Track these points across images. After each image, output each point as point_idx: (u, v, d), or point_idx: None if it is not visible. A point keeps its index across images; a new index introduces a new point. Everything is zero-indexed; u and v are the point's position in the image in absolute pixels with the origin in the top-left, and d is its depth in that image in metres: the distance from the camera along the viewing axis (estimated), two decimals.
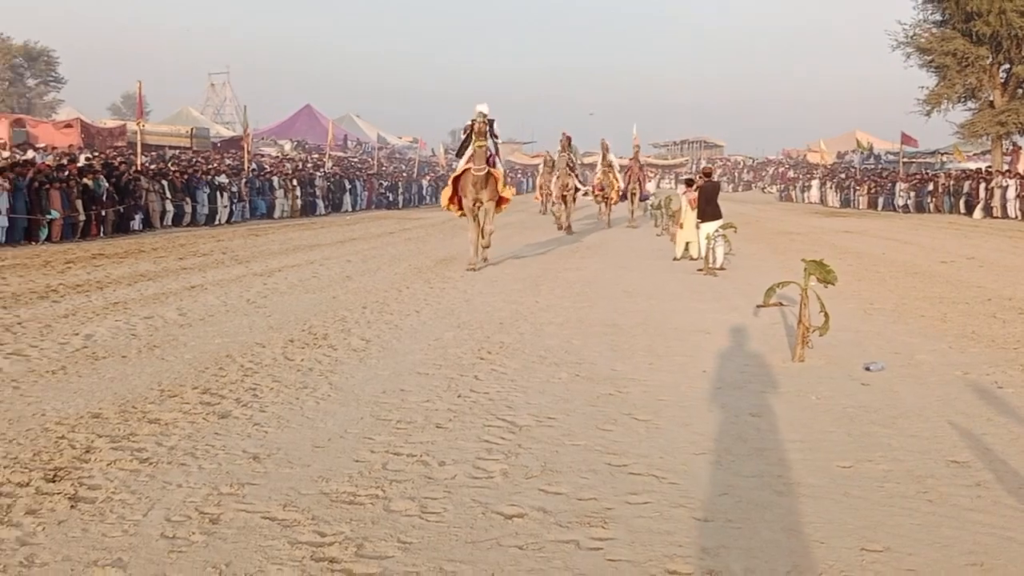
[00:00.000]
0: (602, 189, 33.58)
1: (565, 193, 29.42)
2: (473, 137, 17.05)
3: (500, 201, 17.96)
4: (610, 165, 33.72)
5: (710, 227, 18.06)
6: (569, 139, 31.21)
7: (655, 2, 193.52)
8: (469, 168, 17.32)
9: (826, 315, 9.21)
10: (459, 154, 17.97)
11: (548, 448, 6.22)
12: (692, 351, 9.77)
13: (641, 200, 35.43)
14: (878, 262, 20.10)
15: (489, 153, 17.10)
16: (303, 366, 8.68)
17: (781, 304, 11.97)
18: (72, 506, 5.00)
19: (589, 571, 4.28)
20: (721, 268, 17.76)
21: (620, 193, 34.09)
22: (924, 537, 4.70)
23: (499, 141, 18.18)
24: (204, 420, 6.76)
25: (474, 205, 17.33)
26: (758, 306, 12.13)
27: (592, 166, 42.72)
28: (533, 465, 5.85)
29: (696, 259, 19.10)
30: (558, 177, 30.17)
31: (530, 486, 5.46)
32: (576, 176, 30.89)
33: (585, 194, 33.46)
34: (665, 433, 6.63)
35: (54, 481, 5.38)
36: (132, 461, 5.77)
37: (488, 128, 17.11)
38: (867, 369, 8.81)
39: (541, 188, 38.78)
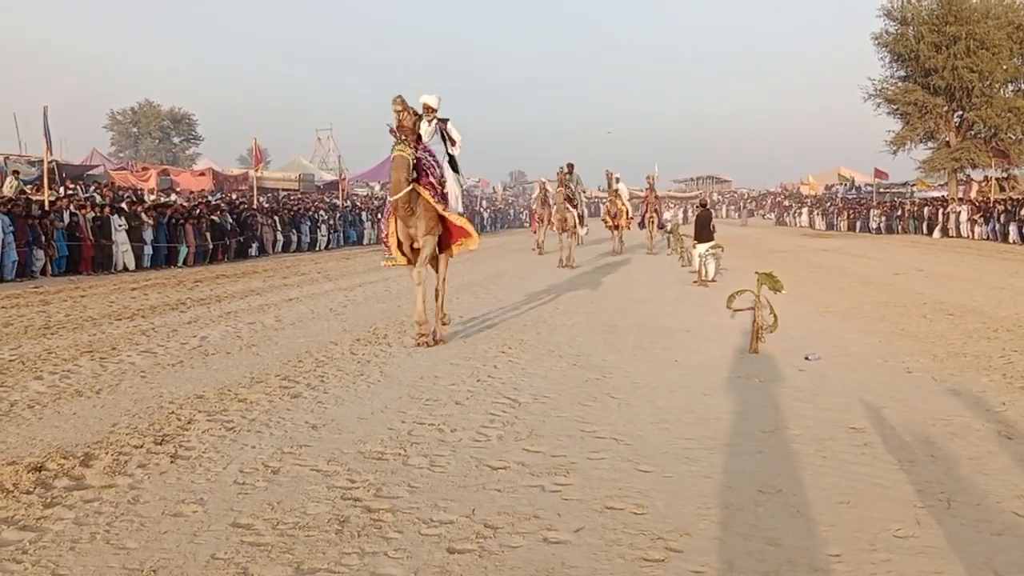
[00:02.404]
0: (613, 216, 28.62)
1: (564, 228, 22.92)
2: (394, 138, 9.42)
3: (452, 237, 10.24)
4: (616, 193, 28.75)
5: (703, 247, 18.31)
6: (571, 167, 24.06)
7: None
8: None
9: (775, 316, 9.43)
10: None
11: (537, 419, 6.54)
12: (671, 345, 10.02)
13: (659, 228, 31.01)
14: (842, 274, 20.07)
15: (418, 160, 9.55)
16: (363, 359, 9.08)
17: (752, 308, 12.12)
18: (172, 461, 5.44)
19: (547, 506, 4.61)
20: (713, 280, 17.89)
21: (630, 220, 29.78)
22: (811, 483, 4.96)
23: (455, 149, 10.38)
24: (280, 399, 7.19)
25: (411, 247, 9.86)
26: (735, 310, 12.30)
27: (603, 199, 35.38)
28: (523, 431, 6.18)
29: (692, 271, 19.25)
30: (556, 211, 23.12)
31: (517, 446, 5.79)
32: (575, 209, 23.33)
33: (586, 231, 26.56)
34: (632, 408, 6.92)
35: (161, 444, 5.82)
36: (221, 429, 6.20)
37: (433, 128, 10.05)
38: (806, 359, 8.99)
39: (536, 220, 29.97)
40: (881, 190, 56.11)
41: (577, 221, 23.21)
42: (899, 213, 44.10)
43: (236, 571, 3.80)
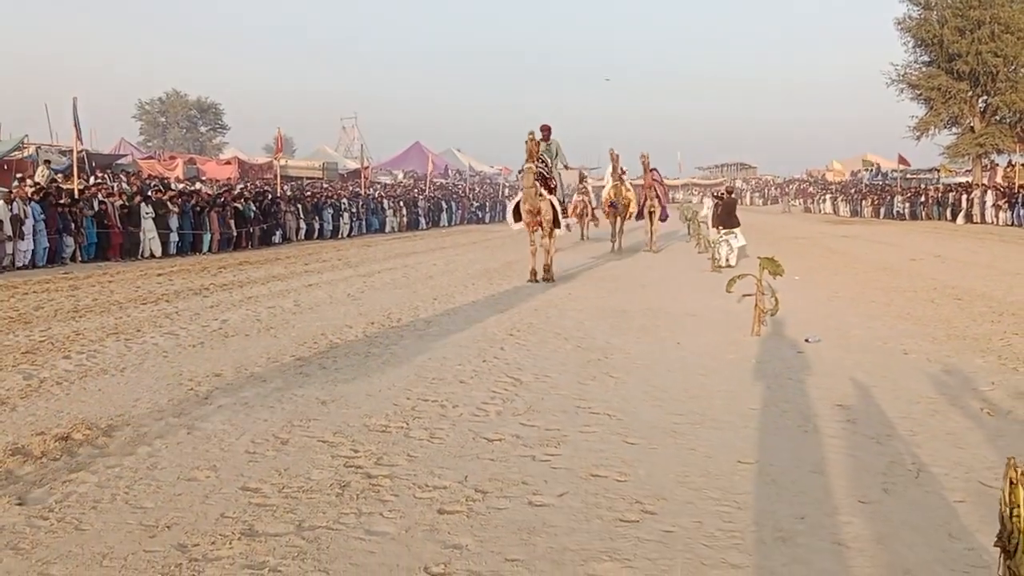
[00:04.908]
0: (613, 207, 23.66)
1: (538, 222, 15.42)
2: None
3: None
4: (621, 179, 23.84)
5: (723, 233, 18.56)
6: (547, 132, 16.26)
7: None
8: None
9: (776, 299, 9.64)
10: None
11: (536, 396, 6.83)
12: (676, 328, 10.24)
13: (661, 219, 24.42)
14: (858, 260, 20.15)
15: None
16: (375, 341, 9.41)
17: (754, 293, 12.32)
18: (188, 433, 5.78)
19: (535, 474, 4.91)
20: (731, 266, 18.01)
21: (632, 213, 24.49)
22: (787, 455, 5.21)
23: None
24: (293, 377, 7.53)
25: None
26: (742, 295, 12.50)
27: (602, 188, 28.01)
28: (521, 407, 6.47)
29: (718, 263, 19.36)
30: (524, 198, 15.43)
31: (514, 421, 6.09)
32: (551, 194, 15.44)
33: (568, 227, 18.35)
34: (628, 386, 7.18)
35: (179, 417, 6.17)
36: (235, 404, 6.55)
37: None
38: (806, 341, 9.20)
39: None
40: (908, 176, 55.74)
41: (559, 212, 15.69)
42: (923, 199, 43.87)
43: (242, 528, 4.13)
